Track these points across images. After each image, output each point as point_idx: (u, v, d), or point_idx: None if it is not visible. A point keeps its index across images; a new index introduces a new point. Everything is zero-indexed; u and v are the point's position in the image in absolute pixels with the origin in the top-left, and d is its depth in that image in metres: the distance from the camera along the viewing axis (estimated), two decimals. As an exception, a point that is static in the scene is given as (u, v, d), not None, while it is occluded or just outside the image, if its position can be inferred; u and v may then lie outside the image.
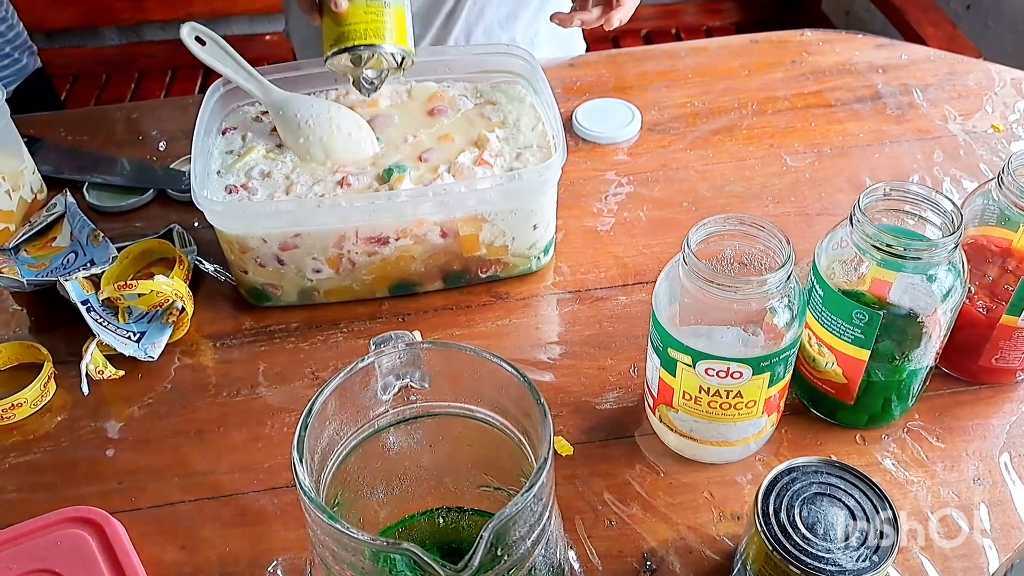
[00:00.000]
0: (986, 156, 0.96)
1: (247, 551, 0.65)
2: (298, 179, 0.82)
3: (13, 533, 0.64)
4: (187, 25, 0.82)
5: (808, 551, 0.53)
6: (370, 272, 0.81)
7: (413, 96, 0.91)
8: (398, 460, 0.57)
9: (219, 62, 0.84)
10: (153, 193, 0.96)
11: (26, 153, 0.94)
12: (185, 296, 0.79)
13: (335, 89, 0.90)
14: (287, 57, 0.89)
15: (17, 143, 0.92)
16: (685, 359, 0.61)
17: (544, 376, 0.76)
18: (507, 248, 0.82)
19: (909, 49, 1.15)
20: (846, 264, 0.63)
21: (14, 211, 0.91)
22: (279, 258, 0.79)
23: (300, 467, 0.47)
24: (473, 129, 0.86)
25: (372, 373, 0.52)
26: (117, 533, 0.63)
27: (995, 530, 0.64)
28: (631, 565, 0.63)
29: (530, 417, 0.51)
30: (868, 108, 1.04)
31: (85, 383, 0.75)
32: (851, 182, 0.94)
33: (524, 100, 0.89)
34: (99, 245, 0.83)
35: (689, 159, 0.98)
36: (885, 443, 0.69)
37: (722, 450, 0.67)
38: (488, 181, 0.78)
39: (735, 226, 0.60)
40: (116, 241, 0.84)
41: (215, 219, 0.78)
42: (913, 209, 0.62)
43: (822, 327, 0.65)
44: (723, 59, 1.14)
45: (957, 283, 0.61)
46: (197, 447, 0.72)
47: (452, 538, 0.60)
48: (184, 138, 0.88)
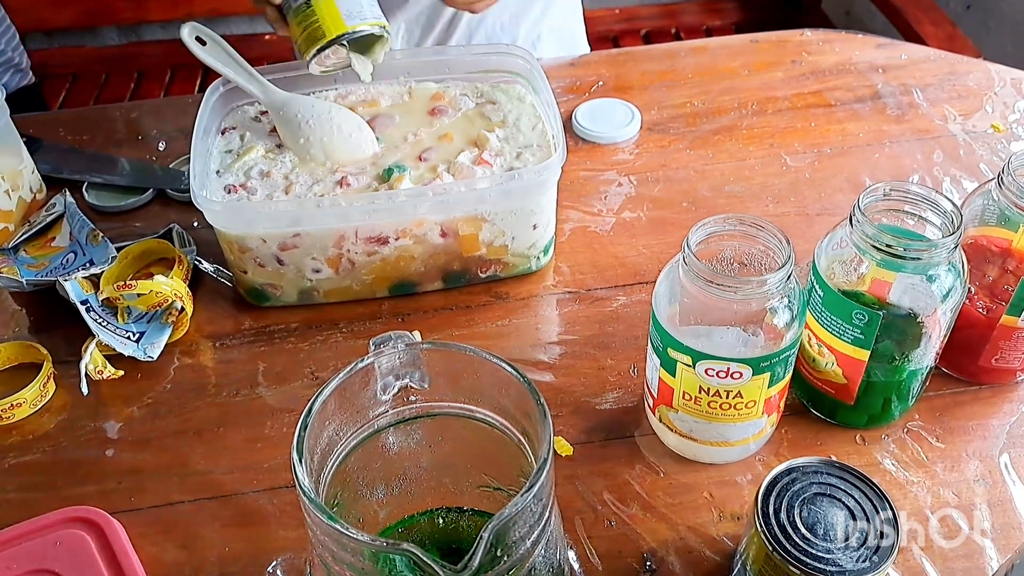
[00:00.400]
0: (986, 156, 0.96)
1: (247, 551, 0.65)
2: (297, 179, 0.82)
3: (13, 533, 0.64)
4: (187, 25, 0.82)
5: (808, 551, 0.53)
6: (370, 272, 0.81)
7: (414, 96, 0.91)
8: (398, 460, 0.57)
9: (219, 62, 0.84)
10: (152, 193, 0.96)
11: (25, 152, 0.94)
12: (185, 296, 0.79)
13: (335, 89, 0.91)
14: (287, 57, 0.89)
15: (16, 142, 0.92)
16: (685, 359, 0.61)
17: (544, 376, 0.76)
18: (507, 248, 0.82)
19: (909, 49, 1.15)
20: (846, 264, 0.63)
21: (13, 211, 0.91)
22: (278, 258, 0.79)
23: (300, 467, 0.47)
24: (473, 129, 0.86)
25: (372, 373, 0.52)
26: (117, 533, 0.63)
27: (995, 530, 0.64)
28: (631, 565, 0.63)
29: (530, 417, 0.51)
30: (868, 108, 1.04)
31: (84, 383, 0.75)
32: (851, 182, 0.94)
33: (524, 100, 0.89)
34: (98, 245, 0.83)
35: (689, 159, 0.98)
36: (885, 443, 0.69)
37: (722, 450, 0.67)
38: (488, 181, 0.78)
39: (735, 226, 0.60)
40: (115, 241, 0.84)
41: (214, 219, 0.78)
42: (913, 209, 0.62)
43: (822, 327, 0.65)
44: (723, 59, 1.14)
45: (957, 283, 0.61)
46: (197, 447, 0.72)
47: (452, 538, 0.60)
48: (184, 138, 0.88)
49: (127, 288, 0.78)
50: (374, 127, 0.87)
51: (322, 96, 0.90)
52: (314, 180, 0.82)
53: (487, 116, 0.88)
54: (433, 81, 0.92)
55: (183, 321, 0.80)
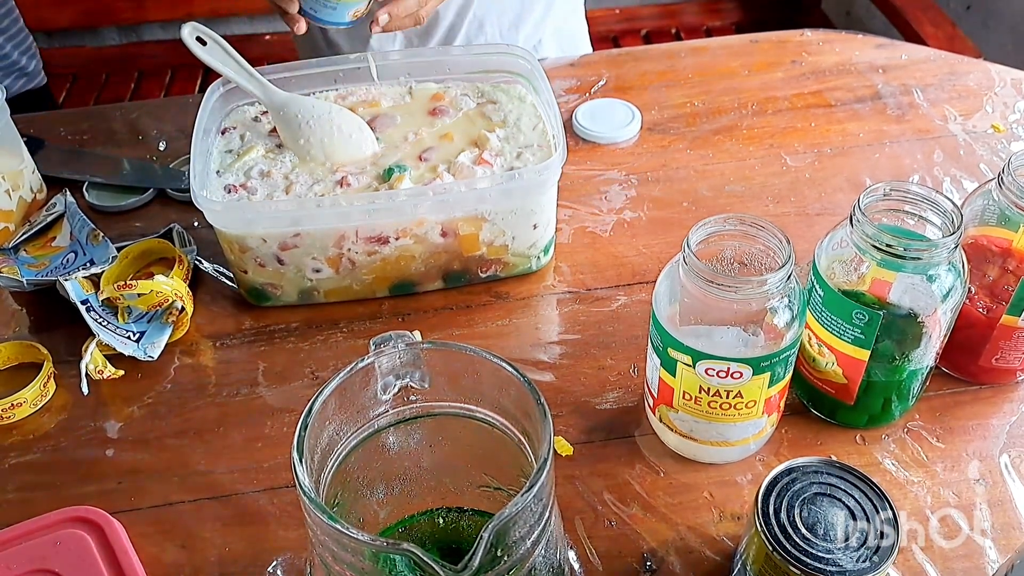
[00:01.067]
0: (986, 156, 0.96)
1: (247, 551, 0.65)
2: (297, 179, 0.82)
3: (13, 533, 0.64)
4: (188, 25, 0.82)
5: (808, 551, 0.53)
6: (370, 272, 0.81)
7: (415, 96, 0.91)
8: (398, 460, 0.57)
9: (220, 62, 0.84)
10: (153, 193, 0.96)
11: (26, 152, 0.94)
12: (185, 296, 0.79)
13: (335, 90, 0.90)
14: (287, 57, 0.89)
15: (17, 142, 0.92)
16: (685, 359, 0.61)
17: (544, 376, 0.76)
18: (507, 248, 0.82)
19: (909, 49, 1.15)
20: (846, 264, 0.63)
21: (14, 211, 0.91)
22: (279, 258, 0.79)
23: (300, 467, 0.47)
24: (474, 129, 0.86)
25: (372, 373, 0.52)
26: (117, 533, 0.63)
27: (995, 530, 0.64)
28: (631, 565, 0.63)
29: (530, 417, 0.51)
30: (868, 108, 1.04)
31: (85, 383, 0.75)
32: (851, 182, 0.94)
33: (525, 100, 0.89)
34: (99, 245, 0.83)
35: (689, 159, 0.98)
36: (885, 443, 0.69)
37: (722, 450, 0.67)
38: (488, 180, 0.78)
39: (735, 226, 0.60)
40: (116, 241, 0.84)
41: (214, 219, 0.78)
42: (913, 209, 0.62)
43: (822, 327, 0.65)
44: (723, 59, 1.14)
45: (957, 283, 0.61)
46: (197, 447, 0.72)
47: (452, 538, 0.60)
48: (184, 138, 0.88)
49: (127, 288, 0.78)
50: (375, 127, 0.87)
51: (322, 96, 0.90)
52: (314, 180, 0.82)
53: (488, 116, 0.88)
54: (434, 81, 0.92)
55: (183, 321, 0.80)
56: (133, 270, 0.85)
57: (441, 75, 0.92)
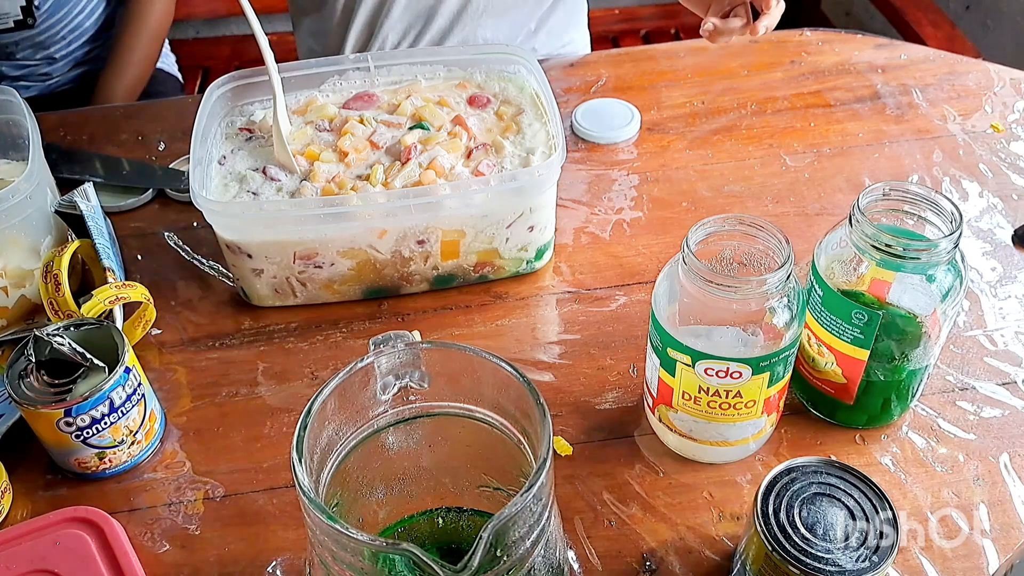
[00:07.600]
0: (985, 156, 0.96)
1: (246, 551, 0.65)
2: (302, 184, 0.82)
3: (13, 533, 0.63)
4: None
5: (808, 551, 0.53)
6: (369, 272, 0.81)
7: (414, 96, 0.91)
8: (397, 460, 0.57)
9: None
10: (152, 193, 0.96)
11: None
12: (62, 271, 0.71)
13: (335, 91, 0.90)
14: (287, 57, 0.89)
15: (38, 236, 0.80)
16: (684, 359, 0.61)
17: (544, 376, 0.76)
18: (506, 248, 0.82)
19: (909, 49, 1.15)
20: (845, 264, 0.63)
21: (9, 308, 0.80)
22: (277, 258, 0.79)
23: (299, 467, 0.47)
24: (480, 129, 0.86)
25: (371, 373, 0.52)
26: (116, 533, 0.63)
27: (995, 530, 0.64)
28: (631, 565, 0.63)
29: (529, 417, 0.51)
30: (867, 108, 1.04)
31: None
32: (850, 182, 0.94)
33: (525, 99, 0.89)
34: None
35: (689, 159, 0.98)
36: (885, 443, 0.69)
37: (721, 450, 0.67)
38: (486, 181, 0.78)
39: (735, 226, 0.60)
40: (120, 240, 0.83)
41: (214, 219, 0.78)
42: (912, 209, 0.62)
43: (821, 327, 0.65)
44: (723, 59, 1.14)
45: (957, 283, 0.61)
46: (197, 447, 0.72)
47: (452, 538, 0.60)
48: (184, 138, 0.88)
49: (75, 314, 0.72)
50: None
51: (323, 95, 0.89)
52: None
53: (486, 116, 0.88)
54: (432, 81, 0.92)
55: (146, 311, 0.77)
56: (76, 287, 0.79)
57: (441, 75, 0.92)
